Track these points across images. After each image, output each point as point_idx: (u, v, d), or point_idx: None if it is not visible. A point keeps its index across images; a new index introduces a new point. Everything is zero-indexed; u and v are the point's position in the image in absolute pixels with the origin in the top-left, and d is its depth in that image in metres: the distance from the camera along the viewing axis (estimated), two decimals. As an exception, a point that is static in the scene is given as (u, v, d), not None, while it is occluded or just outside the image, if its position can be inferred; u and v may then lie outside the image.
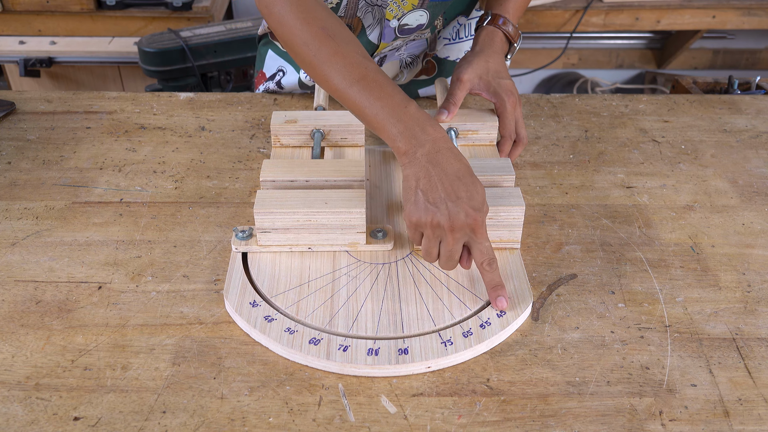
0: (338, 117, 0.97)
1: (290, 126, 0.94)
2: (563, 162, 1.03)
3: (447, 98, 0.95)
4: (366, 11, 1.04)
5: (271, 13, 0.82)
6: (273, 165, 0.87)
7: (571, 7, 2.32)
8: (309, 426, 0.64)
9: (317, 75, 0.80)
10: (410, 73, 1.18)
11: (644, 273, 0.83)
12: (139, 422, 0.64)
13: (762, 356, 0.72)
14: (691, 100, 1.21)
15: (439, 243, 0.74)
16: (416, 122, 0.75)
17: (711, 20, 2.38)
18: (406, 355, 0.70)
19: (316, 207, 0.79)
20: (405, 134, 0.75)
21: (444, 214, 0.72)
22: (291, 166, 0.87)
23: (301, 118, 0.96)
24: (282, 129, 0.95)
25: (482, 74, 0.96)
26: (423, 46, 1.14)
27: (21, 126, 1.11)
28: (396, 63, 1.15)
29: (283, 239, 0.81)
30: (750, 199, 0.96)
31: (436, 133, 0.75)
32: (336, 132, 0.95)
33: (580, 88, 2.75)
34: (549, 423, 0.65)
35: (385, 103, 0.76)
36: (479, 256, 0.74)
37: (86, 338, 0.73)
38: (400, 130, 0.75)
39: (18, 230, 0.88)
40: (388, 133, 0.76)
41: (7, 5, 2.15)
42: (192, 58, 1.94)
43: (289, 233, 0.80)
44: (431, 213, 0.72)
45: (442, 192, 0.72)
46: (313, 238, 0.81)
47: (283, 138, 0.96)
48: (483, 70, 0.96)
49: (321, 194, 0.81)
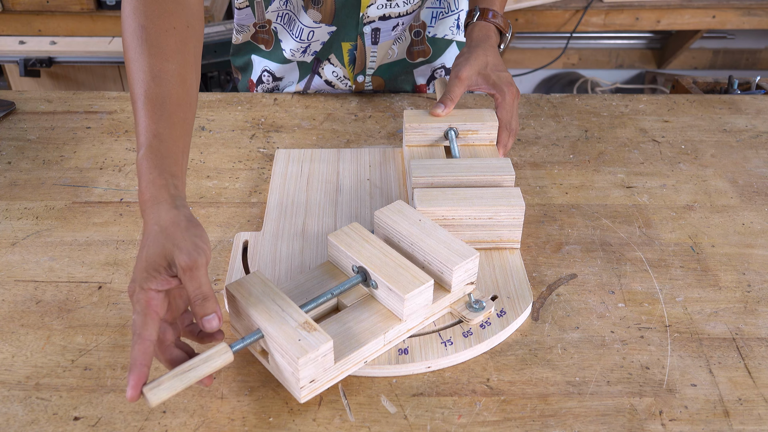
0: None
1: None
2: (563, 162, 1.03)
3: (445, 94, 0.96)
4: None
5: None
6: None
7: (571, 7, 2.32)
8: (309, 426, 0.64)
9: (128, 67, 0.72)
10: (401, 48, 1.19)
11: (644, 273, 0.83)
12: (139, 422, 0.64)
13: (762, 356, 0.72)
14: (691, 100, 1.21)
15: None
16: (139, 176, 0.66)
17: (711, 20, 2.38)
18: (406, 355, 0.70)
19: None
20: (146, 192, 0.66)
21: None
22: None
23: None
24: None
25: (480, 69, 0.97)
26: (412, 17, 1.16)
27: (21, 126, 1.11)
28: (389, 42, 1.17)
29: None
30: (750, 199, 0.96)
31: (142, 198, 0.65)
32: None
33: (580, 88, 2.75)
34: (549, 423, 0.65)
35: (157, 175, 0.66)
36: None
37: (86, 338, 0.73)
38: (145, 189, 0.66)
39: (18, 230, 0.88)
40: (142, 184, 0.66)
41: (7, 5, 2.15)
42: (192, 58, 1.93)
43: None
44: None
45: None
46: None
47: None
48: (481, 65, 0.97)
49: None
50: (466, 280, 0.73)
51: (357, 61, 1.17)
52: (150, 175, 0.65)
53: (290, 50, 1.16)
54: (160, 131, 0.68)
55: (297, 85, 1.21)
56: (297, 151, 1.03)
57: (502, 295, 0.77)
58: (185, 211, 0.64)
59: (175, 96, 0.70)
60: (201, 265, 0.60)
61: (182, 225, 0.62)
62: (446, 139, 0.95)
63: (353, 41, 1.14)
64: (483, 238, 0.83)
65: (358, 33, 1.13)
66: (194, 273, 0.60)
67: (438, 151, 0.95)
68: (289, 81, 1.23)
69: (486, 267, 0.81)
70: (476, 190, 0.83)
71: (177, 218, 0.63)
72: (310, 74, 1.20)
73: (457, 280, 0.72)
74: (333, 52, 1.17)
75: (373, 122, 1.13)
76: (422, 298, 0.69)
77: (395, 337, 0.70)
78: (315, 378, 0.64)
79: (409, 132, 0.95)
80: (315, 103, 1.18)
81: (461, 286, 0.73)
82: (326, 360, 0.63)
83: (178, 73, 0.72)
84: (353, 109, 1.16)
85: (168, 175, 0.66)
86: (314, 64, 1.19)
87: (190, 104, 0.73)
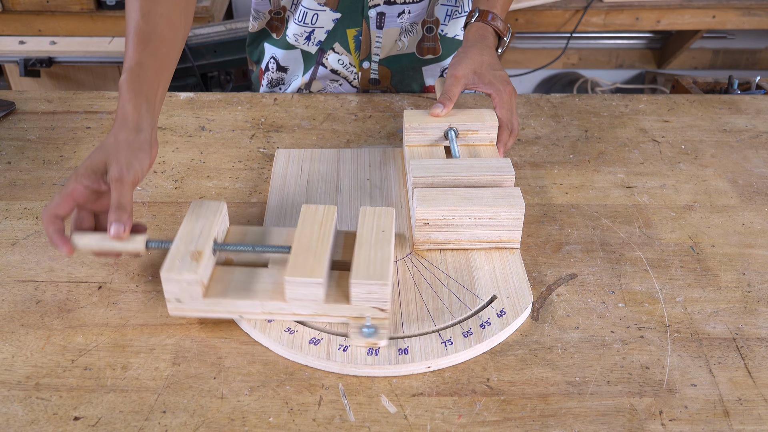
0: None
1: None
2: (563, 162, 1.03)
3: (443, 93, 0.96)
4: None
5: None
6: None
7: (571, 7, 2.32)
8: (309, 426, 0.64)
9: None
10: (411, 42, 1.20)
11: (644, 273, 0.83)
12: (139, 422, 0.64)
13: (762, 356, 0.72)
14: (691, 100, 1.21)
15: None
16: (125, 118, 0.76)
17: (711, 20, 2.38)
18: (406, 354, 0.70)
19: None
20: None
21: None
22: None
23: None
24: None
25: (476, 68, 0.97)
26: (423, 11, 1.17)
27: (21, 126, 1.11)
28: (396, 30, 1.18)
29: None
30: (750, 199, 0.96)
31: (117, 112, 0.77)
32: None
33: (580, 88, 2.75)
34: (549, 423, 0.65)
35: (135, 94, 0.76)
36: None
37: (86, 338, 0.73)
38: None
39: (18, 230, 0.88)
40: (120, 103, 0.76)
41: (7, 5, 2.15)
42: (192, 58, 1.94)
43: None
44: None
45: None
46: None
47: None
48: (477, 64, 0.97)
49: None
50: (371, 302, 0.70)
51: (362, 46, 1.18)
52: (127, 95, 0.75)
53: (293, 34, 1.18)
54: (143, 60, 0.78)
55: (302, 78, 1.22)
56: (297, 151, 1.03)
57: (502, 295, 0.77)
58: (143, 135, 0.74)
59: (161, 33, 0.80)
60: (127, 181, 0.70)
61: (133, 145, 0.73)
62: (446, 139, 0.95)
63: (358, 26, 1.15)
64: (483, 238, 0.83)
65: (363, 17, 1.14)
66: (120, 185, 0.70)
67: (438, 151, 0.95)
68: (294, 74, 1.24)
69: (486, 267, 0.81)
70: (476, 190, 0.83)
71: (130, 138, 0.73)
72: (314, 66, 1.21)
73: (357, 296, 0.70)
74: (337, 40, 1.18)
75: (373, 122, 1.13)
76: (307, 290, 0.70)
77: (276, 311, 0.72)
78: (181, 299, 0.71)
79: (409, 132, 0.95)
80: (315, 103, 1.18)
81: (364, 305, 0.71)
82: (192, 289, 0.70)
83: (167, 14, 0.81)
84: (353, 109, 1.17)
85: (143, 99, 0.76)
86: (318, 55, 1.20)
87: (175, 43, 0.83)
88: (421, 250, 0.83)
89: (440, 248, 0.83)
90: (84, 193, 0.71)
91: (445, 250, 0.83)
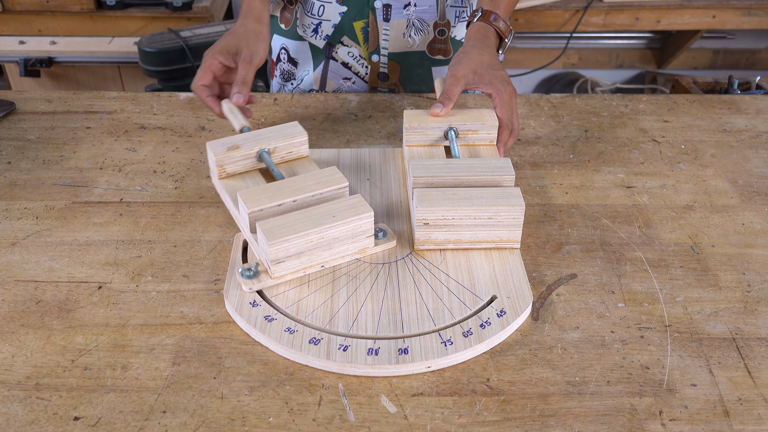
0: (277, 132, 0.92)
1: (235, 153, 0.88)
2: (563, 162, 1.03)
3: (442, 93, 0.96)
4: None
5: None
6: (251, 195, 0.81)
7: (571, 7, 2.32)
8: (309, 426, 0.64)
9: None
10: (422, 41, 1.21)
11: (644, 273, 0.83)
12: (139, 422, 0.64)
13: (762, 356, 0.72)
14: (691, 100, 1.21)
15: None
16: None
17: (711, 20, 2.38)
18: (406, 354, 0.70)
19: (326, 222, 0.77)
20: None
21: None
22: (269, 191, 0.82)
23: (240, 141, 0.90)
24: (227, 158, 0.88)
25: (476, 68, 0.96)
26: (432, 11, 1.18)
27: (21, 126, 1.11)
28: (403, 22, 1.19)
29: (297, 264, 0.78)
30: (750, 199, 0.96)
31: (242, 7, 1.07)
32: (281, 148, 0.91)
33: (580, 88, 2.75)
34: (549, 423, 0.65)
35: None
36: None
37: (86, 338, 0.73)
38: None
39: (18, 230, 0.88)
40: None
41: (7, 5, 2.15)
42: (192, 58, 1.94)
43: (303, 257, 0.78)
44: None
45: None
46: (326, 254, 0.79)
47: (228, 167, 0.89)
48: (477, 65, 0.97)
49: (320, 210, 0.78)
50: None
51: (370, 38, 1.18)
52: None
53: (302, 25, 1.19)
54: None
55: (314, 73, 1.23)
56: (297, 151, 1.03)
57: (502, 295, 0.77)
58: (265, 28, 1.03)
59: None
60: (254, 63, 0.98)
61: (259, 35, 1.01)
62: (446, 139, 0.95)
63: (365, 18, 1.16)
64: (483, 238, 0.83)
65: (370, 8, 1.14)
66: (248, 65, 0.97)
67: (438, 151, 0.95)
68: (304, 69, 1.25)
69: (486, 267, 0.81)
70: (476, 190, 0.83)
71: (257, 29, 1.02)
72: (324, 60, 1.22)
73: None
74: (345, 33, 1.19)
75: (373, 122, 1.13)
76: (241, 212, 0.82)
77: (238, 216, 0.86)
78: (211, 174, 0.91)
79: (409, 132, 0.95)
80: (315, 103, 1.18)
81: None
82: (214, 168, 0.89)
83: None
84: (353, 109, 1.17)
85: (261, 1, 1.05)
86: (327, 49, 1.21)
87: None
88: (421, 250, 0.84)
89: (440, 248, 0.83)
90: (219, 67, 0.97)
91: (445, 250, 0.84)
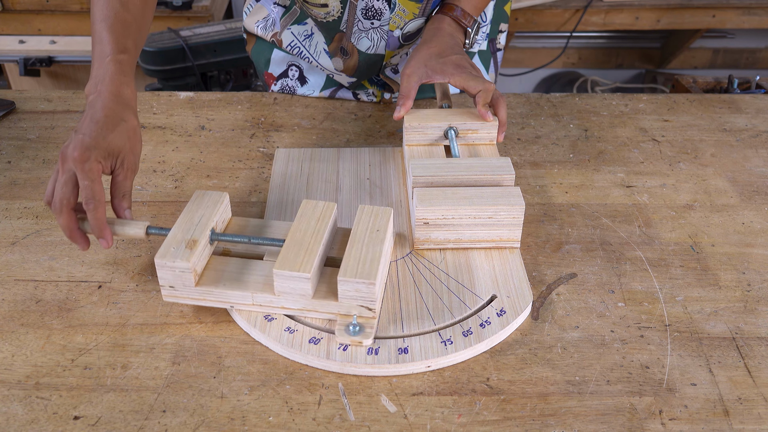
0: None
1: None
2: (563, 161, 1.03)
3: (399, 94, 0.95)
4: (360, 36, 1.06)
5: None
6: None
7: (571, 6, 2.32)
8: (309, 425, 0.64)
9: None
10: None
11: (644, 272, 0.83)
12: (139, 421, 0.64)
13: (762, 355, 0.72)
14: (691, 100, 1.21)
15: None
16: (102, 73, 0.81)
17: (711, 19, 2.38)
18: (405, 354, 0.70)
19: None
20: (92, 81, 0.82)
21: (65, 144, 0.74)
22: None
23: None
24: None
25: (426, 61, 0.95)
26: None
27: (21, 125, 1.11)
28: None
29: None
30: (750, 199, 0.96)
31: (106, 87, 0.81)
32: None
33: (580, 88, 2.75)
34: (549, 422, 0.65)
35: (96, 49, 0.84)
36: (82, 194, 0.73)
37: (86, 337, 0.73)
38: (92, 76, 0.83)
39: (18, 229, 0.88)
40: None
41: (7, 5, 2.15)
42: (192, 58, 1.94)
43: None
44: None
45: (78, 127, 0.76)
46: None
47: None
48: (426, 58, 0.95)
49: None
50: (359, 301, 0.71)
51: (384, 87, 1.18)
52: (124, 77, 0.81)
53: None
54: (128, 47, 0.84)
55: (321, 93, 1.20)
56: (297, 150, 1.03)
57: (501, 295, 0.77)
58: (138, 123, 0.81)
59: (139, 21, 0.87)
60: (136, 172, 0.79)
61: (138, 134, 0.80)
62: (446, 139, 0.95)
63: (376, 77, 1.16)
64: (483, 237, 0.83)
65: (381, 73, 1.15)
66: (132, 174, 0.77)
67: (438, 150, 0.95)
68: (311, 89, 1.21)
69: (486, 266, 0.81)
70: (476, 190, 0.83)
71: (136, 126, 0.80)
72: (335, 88, 1.20)
73: (344, 293, 0.71)
74: (357, 88, 1.19)
75: (373, 122, 1.13)
76: (295, 284, 0.70)
77: (266, 303, 0.73)
78: (174, 286, 0.73)
79: (409, 131, 0.95)
80: (315, 102, 1.18)
81: (352, 303, 0.71)
82: (184, 276, 0.72)
83: (141, 3, 0.88)
84: (353, 109, 1.17)
85: (133, 85, 0.83)
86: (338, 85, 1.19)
87: (146, 29, 0.90)
88: (421, 249, 0.84)
89: (440, 248, 0.83)
90: (100, 171, 0.76)
91: (445, 250, 0.84)
